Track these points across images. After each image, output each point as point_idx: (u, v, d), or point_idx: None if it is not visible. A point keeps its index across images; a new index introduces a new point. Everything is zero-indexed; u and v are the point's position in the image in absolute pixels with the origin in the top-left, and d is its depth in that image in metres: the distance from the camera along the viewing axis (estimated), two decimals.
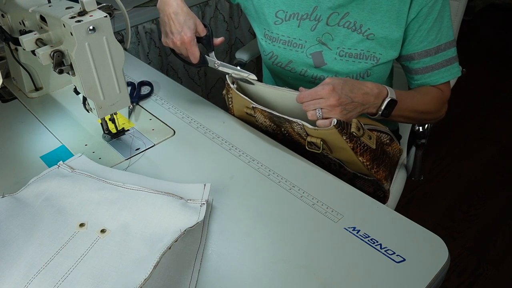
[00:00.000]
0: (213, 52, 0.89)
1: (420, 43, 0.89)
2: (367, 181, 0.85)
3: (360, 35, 0.89)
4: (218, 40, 0.91)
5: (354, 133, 0.73)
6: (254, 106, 0.83)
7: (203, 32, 0.87)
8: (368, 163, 0.77)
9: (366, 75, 0.92)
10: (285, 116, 0.78)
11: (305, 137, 0.79)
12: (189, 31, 0.83)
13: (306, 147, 0.79)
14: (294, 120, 0.77)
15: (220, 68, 0.89)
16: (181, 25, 0.83)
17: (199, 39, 0.88)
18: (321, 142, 0.76)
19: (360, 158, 0.76)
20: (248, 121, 0.91)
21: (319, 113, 0.75)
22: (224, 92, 0.91)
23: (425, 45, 0.89)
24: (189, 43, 0.84)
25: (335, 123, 0.71)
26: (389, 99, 0.82)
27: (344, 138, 0.73)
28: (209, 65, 0.89)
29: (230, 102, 0.90)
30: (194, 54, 0.86)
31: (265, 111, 0.82)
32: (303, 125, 0.76)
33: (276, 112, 0.79)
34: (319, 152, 0.78)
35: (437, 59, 0.90)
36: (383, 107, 0.82)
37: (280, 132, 0.86)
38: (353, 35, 0.89)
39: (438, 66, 0.91)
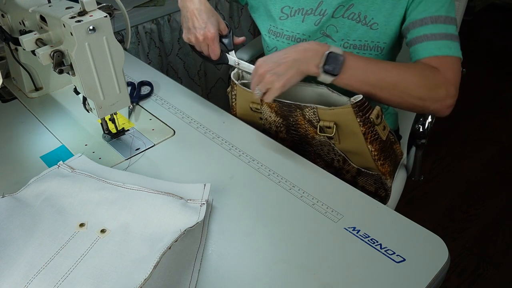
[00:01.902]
0: (233, 51, 0.90)
1: (418, 15, 0.83)
2: (370, 178, 0.85)
3: (364, 26, 0.88)
4: (239, 39, 0.91)
5: (371, 119, 0.73)
6: None
7: (225, 30, 0.88)
8: (376, 153, 0.77)
9: None
10: (297, 102, 0.78)
11: (316, 124, 0.78)
12: (212, 28, 0.85)
13: (318, 132, 0.78)
14: (308, 104, 0.76)
15: (241, 67, 0.88)
16: (204, 21, 0.84)
17: (220, 38, 0.88)
18: (334, 125, 0.75)
19: (369, 146, 0.76)
20: (251, 119, 0.91)
21: (257, 91, 0.77)
22: (228, 89, 0.91)
23: (422, 15, 0.82)
24: (212, 39, 0.85)
25: (357, 100, 0.71)
26: (328, 52, 0.74)
27: (358, 121, 0.72)
28: (229, 63, 0.90)
29: (234, 100, 0.90)
30: (215, 51, 0.87)
31: (274, 100, 0.80)
32: (316, 108, 0.76)
33: (286, 100, 0.79)
34: (331, 135, 0.77)
35: (433, 29, 0.81)
36: (322, 63, 0.74)
37: (284, 129, 0.86)
38: (357, 27, 0.89)
39: (434, 36, 0.81)
